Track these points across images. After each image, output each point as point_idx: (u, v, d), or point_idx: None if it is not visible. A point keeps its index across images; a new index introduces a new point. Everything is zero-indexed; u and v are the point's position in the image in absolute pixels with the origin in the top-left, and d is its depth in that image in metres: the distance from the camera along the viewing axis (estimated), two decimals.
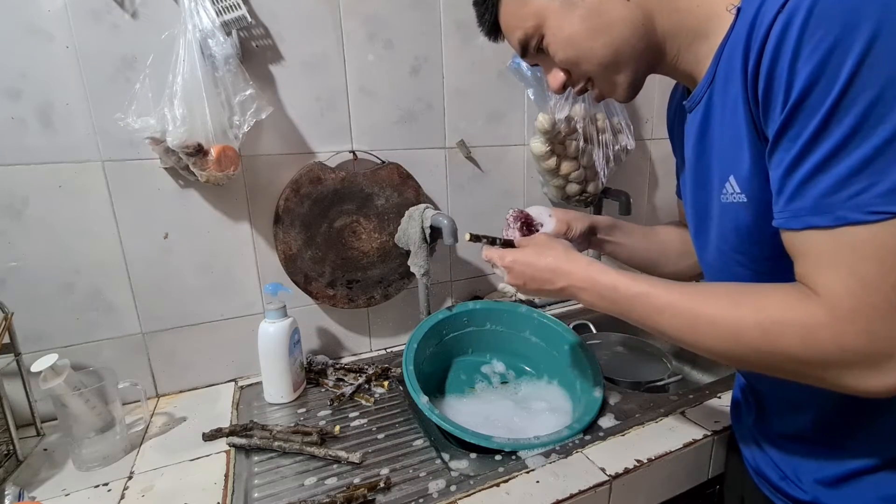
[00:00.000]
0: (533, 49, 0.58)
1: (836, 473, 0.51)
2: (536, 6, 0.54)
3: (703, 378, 1.13)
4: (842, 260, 0.37)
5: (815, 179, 0.38)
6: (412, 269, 0.96)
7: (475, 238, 0.69)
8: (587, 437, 0.73)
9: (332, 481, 0.66)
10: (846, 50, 0.35)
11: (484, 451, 0.70)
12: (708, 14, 0.49)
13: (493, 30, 0.61)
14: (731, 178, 0.48)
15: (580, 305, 0.72)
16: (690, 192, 0.58)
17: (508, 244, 0.69)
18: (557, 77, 0.59)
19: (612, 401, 0.83)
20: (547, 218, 0.74)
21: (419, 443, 0.74)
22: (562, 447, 0.71)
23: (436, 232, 0.94)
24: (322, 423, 0.80)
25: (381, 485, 0.64)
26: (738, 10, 0.44)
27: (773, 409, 0.58)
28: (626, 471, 0.66)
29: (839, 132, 0.36)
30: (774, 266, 0.46)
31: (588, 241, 0.76)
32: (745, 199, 0.47)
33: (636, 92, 0.58)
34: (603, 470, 0.66)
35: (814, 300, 0.39)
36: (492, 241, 0.70)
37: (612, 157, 1.14)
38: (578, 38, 0.53)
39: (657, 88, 1.29)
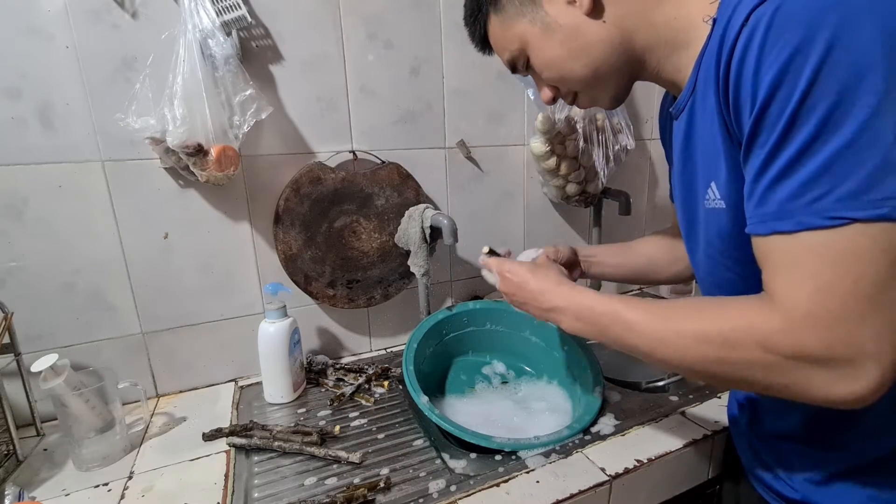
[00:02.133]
0: (521, 67, 0.62)
1: (826, 472, 0.51)
2: (519, 31, 0.58)
3: None
4: (800, 264, 0.38)
5: (779, 185, 0.38)
6: (412, 269, 0.96)
7: (492, 252, 0.73)
8: (587, 437, 0.73)
9: (332, 481, 0.66)
10: (805, 58, 0.35)
11: (484, 451, 0.70)
12: (685, 26, 0.50)
13: (484, 46, 0.66)
14: (713, 185, 0.49)
15: None
16: (679, 197, 0.59)
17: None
18: (546, 93, 0.63)
19: (612, 401, 0.83)
20: (534, 254, 0.78)
21: (419, 443, 0.74)
22: (562, 447, 0.71)
23: (436, 232, 0.94)
24: (322, 423, 0.80)
25: (381, 485, 0.64)
26: (714, 20, 0.45)
27: (765, 408, 0.58)
28: (626, 471, 0.66)
29: (800, 138, 0.36)
30: (759, 270, 0.46)
31: (575, 266, 0.80)
32: (724, 206, 0.48)
33: (620, 101, 0.61)
34: (603, 470, 0.66)
35: (771, 306, 0.39)
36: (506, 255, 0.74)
37: (611, 157, 1.14)
38: (559, 61, 0.57)
39: (657, 88, 1.28)
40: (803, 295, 0.37)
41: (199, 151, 0.76)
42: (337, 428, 0.76)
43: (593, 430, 0.75)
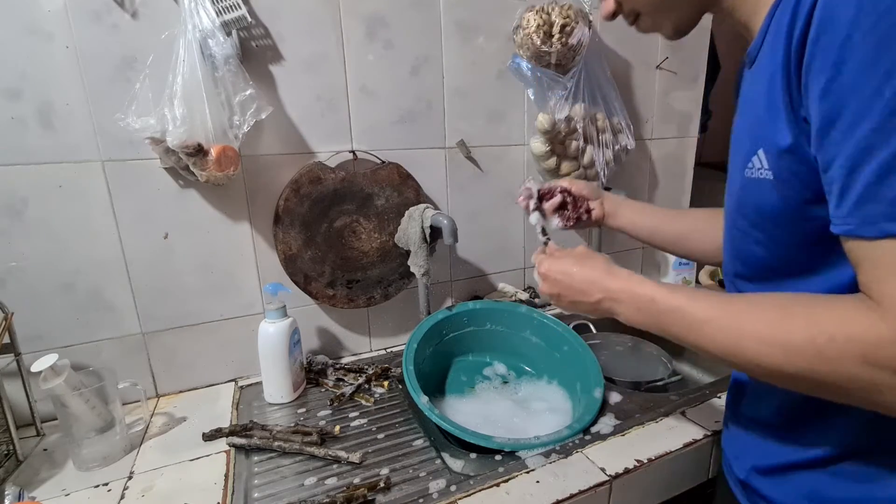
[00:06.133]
0: None
1: (775, 463, 0.51)
2: None
3: (703, 378, 1.13)
4: None
5: (889, 179, 0.33)
6: (412, 269, 0.96)
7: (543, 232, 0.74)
8: (587, 437, 0.73)
9: (332, 481, 0.66)
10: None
11: (484, 451, 0.70)
12: None
13: None
14: (760, 152, 0.43)
15: None
16: (730, 159, 0.53)
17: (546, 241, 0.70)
18: (609, 5, 0.57)
19: (612, 401, 0.83)
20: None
21: (419, 443, 0.74)
22: (562, 447, 0.71)
23: (436, 232, 0.94)
24: (322, 423, 0.80)
25: (381, 485, 0.64)
26: None
27: (747, 391, 0.58)
28: (626, 471, 0.66)
29: None
30: (796, 254, 0.43)
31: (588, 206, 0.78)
32: (772, 177, 0.42)
33: (684, 33, 0.55)
34: (603, 470, 0.66)
35: (878, 313, 0.35)
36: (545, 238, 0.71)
37: (612, 157, 1.14)
38: None
39: (657, 88, 1.29)
40: None
41: (199, 151, 0.76)
42: (337, 428, 0.76)
43: (593, 430, 0.75)
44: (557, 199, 0.77)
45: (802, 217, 0.41)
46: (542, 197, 0.78)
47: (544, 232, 0.74)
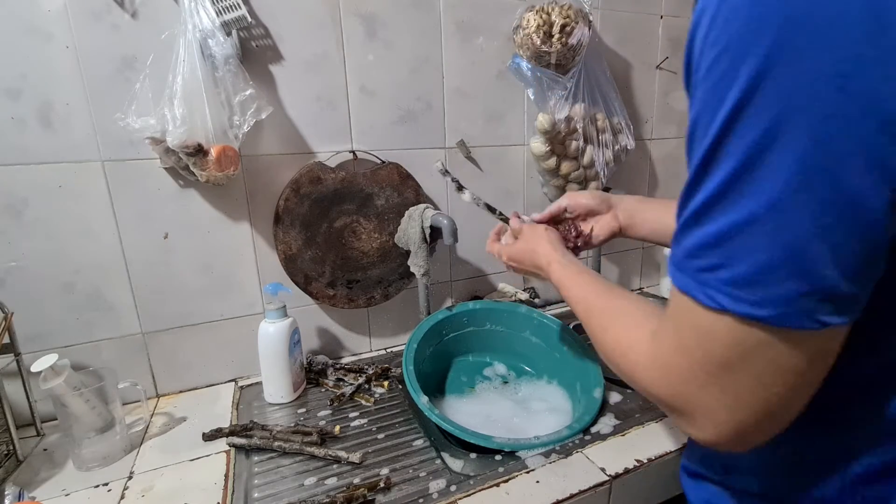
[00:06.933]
0: None
1: (701, 468, 0.51)
2: None
3: None
4: (677, 318, 0.36)
5: (688, 231, 0.33)
6: (412, 269, 0.96)
7: (489, 208, 0.81)
8: (587, 437, 0.73)
9: (332, 481, 0.66)
10: (732, 79, 0.29)
11: (484, 451, 0.70)
12: None
13: None
14: None
15: None
16: None
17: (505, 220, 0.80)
18: None
19: (612, 401, 0.83)
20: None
21: (419, 443, 0.74)
22: (562, 447, 0.71)
23: (436, 232, 0.94)
24: (322, 423, 0.80)
25: (381, 485, 0.63)
26: None
27: None
28: (626, 471, 0.66)
29: (712, 185, 0.31)
30: None
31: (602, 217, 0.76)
32: None
33: None
34: (603, 470, 0.66)
35: (650, 341, 0.40)
36: (491, 210, 0.81)
37: (612, 158, 1.14)
38: None
39: (657, 88, 1.29)
40: (670, 346, 0.37)
41: (199, 151, 0.76)
42: (337, 428, 0.76)
43: (593, 430, 0.75)
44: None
45: None
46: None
47: (491, 209, 0.81)
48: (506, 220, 0.79)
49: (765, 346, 0.31)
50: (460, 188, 0.82)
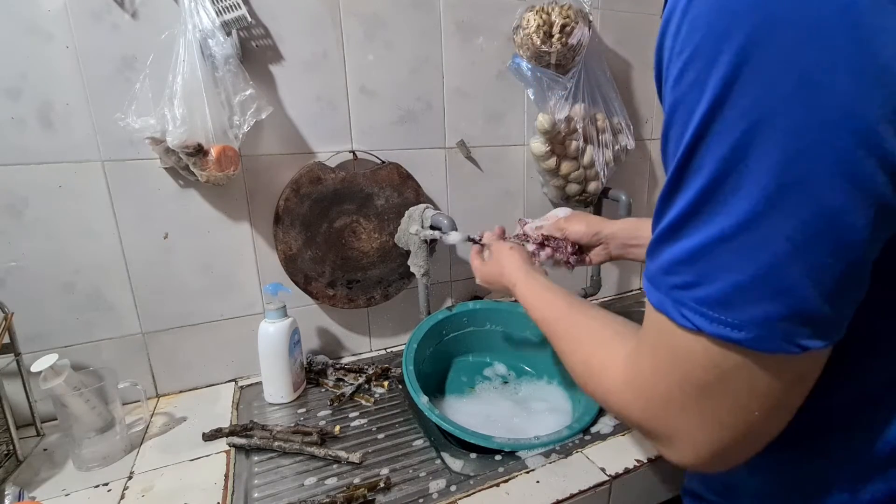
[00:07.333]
0: None
1: (701, 488, 0.50)
2: None
3: None
4: (653, 337, 0.35)
5: (663, 246, 0.33)
6: (412, 269, 0.96)
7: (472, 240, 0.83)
8: (587, 437, 0.73)
9: (332, 481, 0.66)
10: (704, 82, 0.27)
11: (484, 451, 0.70)
12: None
13: None
14: None
15: None
16: None
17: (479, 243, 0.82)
18: None
19: None
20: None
21: (419, 443, 0.74)
22: (562, 447, 0.71)
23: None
24: (322, 423, 0.80)
25: (381, 485, 0.64)
26: None
27: None
28: (626, 471, 0.66)
29: (687, 197, 0.30)
30: None
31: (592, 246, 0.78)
32: None
33: None
34: (603, 470, 0.66)
35: (624, 365, 0.38)
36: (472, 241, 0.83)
37: (611, 158, 1.14)
38: None
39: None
40: (646, 368, 0.36)
41: (199, 151, 0.76)
42: (337, 428, 0.76)
43: (593, 430, 0.75)
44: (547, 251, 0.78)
45: None
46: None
47: (471, 239, 0.83)
48: (476, 242, 0.82)
49: (742, 368, 0.30)
50: (443, 234, 0.86)
